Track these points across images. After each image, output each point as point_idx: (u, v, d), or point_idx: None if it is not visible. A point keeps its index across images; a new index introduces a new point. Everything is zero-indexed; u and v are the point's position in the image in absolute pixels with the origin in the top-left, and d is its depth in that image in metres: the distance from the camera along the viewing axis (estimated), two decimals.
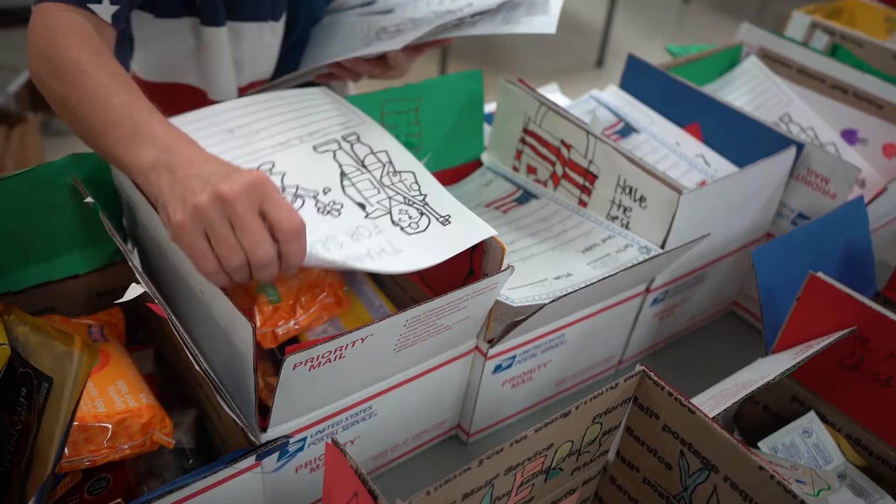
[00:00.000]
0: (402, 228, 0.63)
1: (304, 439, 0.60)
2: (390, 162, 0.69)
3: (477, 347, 0.68)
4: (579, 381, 0.82)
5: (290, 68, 0.90)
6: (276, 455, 0.58)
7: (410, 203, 0.65)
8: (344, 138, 0.71)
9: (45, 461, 0.52)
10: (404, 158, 0.69)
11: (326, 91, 0.78)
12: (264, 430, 0.56)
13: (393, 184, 0.67)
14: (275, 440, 0.56)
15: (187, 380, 0.68)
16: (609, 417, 0.53)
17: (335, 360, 0.53)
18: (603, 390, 0.50)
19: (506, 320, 0.67)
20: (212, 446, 0.67)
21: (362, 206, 0.65)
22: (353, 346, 0.53)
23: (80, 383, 0.50)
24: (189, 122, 0.68)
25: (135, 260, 0.58)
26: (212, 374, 0.52)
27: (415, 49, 0.80)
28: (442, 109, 0.87)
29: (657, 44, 3.12)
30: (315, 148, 0.70)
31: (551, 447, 0.49)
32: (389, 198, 0.66)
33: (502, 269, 0.62)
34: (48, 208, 0.65)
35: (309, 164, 0.68)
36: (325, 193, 0.66)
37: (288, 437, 0.56)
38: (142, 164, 0.53)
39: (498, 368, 0.70)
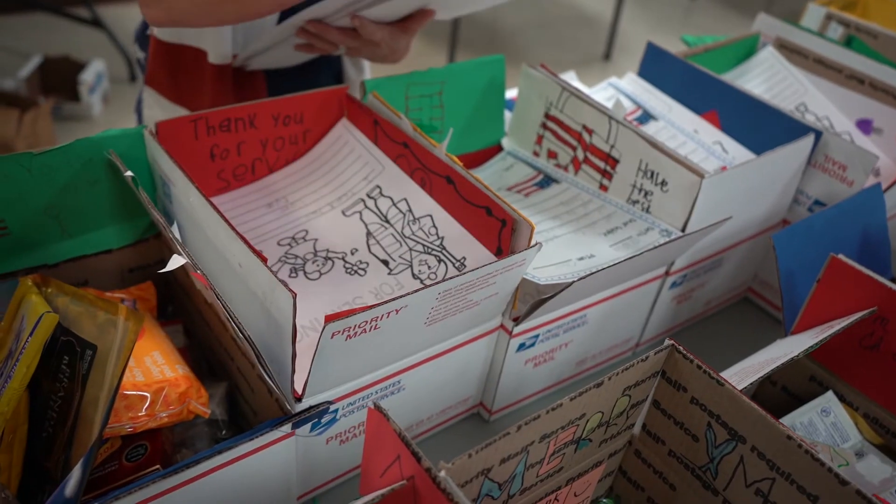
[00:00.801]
0: (421, 281, 0.69)
1: (336, 410, 0.61)
2: (409, 210, 0.74)
3: (502, 325, 0.70)
4: (598, 362, 0.84)
5: None
6: (309, 425, 0.60)
7: (429, 251, 0.70)
8: (368, 195, 0.76)
9: (89, 426, 0.53)
10: (421, 202, 0.74)
11: (349, 134, 0.80)
12: (298, 400, 0.58)
13: (413, 233, 0.72)
14: (314, 406, 0.57)
15: (218, 353, 0.69)
16: (637, 390, 0.54)
17: (370, 330, 0.55)
18: (634, 362, 0.51)
19: (529, 301, 0.68)
20: (243, 418, 0.68)
21: (386, 263, 0.71)
22: (387, 317, 0.55)
23: (126, 350, 0.52)
24: (233, 199, 0.76)
25: (174, 231, 0.59)
26: (254, 343, 0.53)
27: (400, 26, 0.80)
28: (464, 94, 0.88)
29: (664, 38, 3.13)
30: (343, 212, 0.76)
31: (583, 417, 0.51)
32: (410, 249, 0.71)
33: (530, 246, 0.63)
34: (85, 183, 0.66)
35: (338, 228, 0.75)
36: (352, 254, 0.73)
37: (329, 402, 0.57)
38: None
39: (521, 347, 0.72)
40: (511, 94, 1.00)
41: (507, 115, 0.95)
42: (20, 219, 0.64)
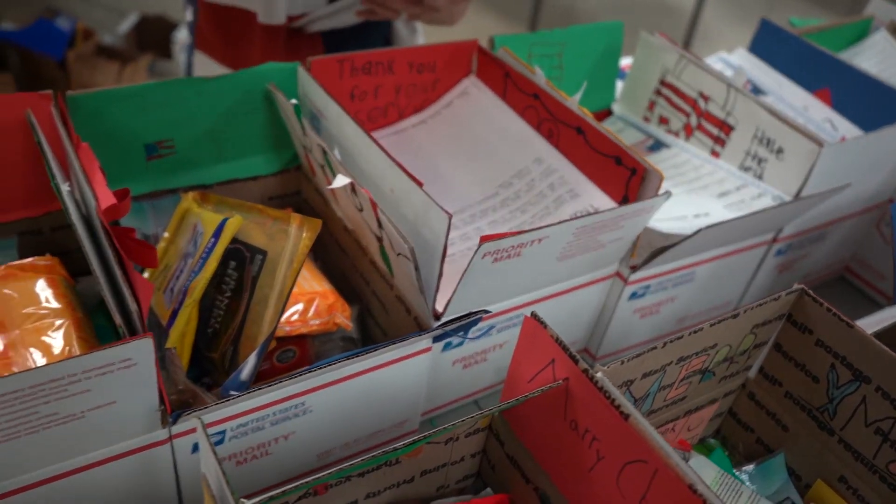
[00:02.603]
0: None
1: (464, 336, 0.66)
2: (537, 160, 0.77)
3: (618, 273, 0.73)
4: (697, 322, 0.87)
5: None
6: (442, 344, 0.64)
7: (559, 199, 0.74)
8: (493, 145, 0.78)
9: (258, 323, 0.59)
10: (547, 152, 0.77)
11: (475, 87, 0.83)
12: (437, 319, 0.62)
13: (540, 180, 0.76)
14: (464, 316, 0.60)
15: (351, 278, 0.74)
16: (763, 329, 0.57)
17: (513, 256, 0.59)
18: (766, 300, 0.54)
19: (643, 255, 0.72)
20: (372, 341, 0.73)
21: (511, 210, 0.75)
22: (530, 245, 0.59)
23: (300, 254, 0.57)
24: None
25: (336, 154, 0.64)
26: (415, 253, 0.57)
27: None
28: (582, 57, 0.92)
29: (745, 31, 3.09)
30: (470, 160, 0.79)
31: (714, 347, 0.54)
32: (538, 194, 0.75)
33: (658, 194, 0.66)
34: (243, 111, 0.71)
35: (466, 176, 0.78)
36: (479, 204, 0.76)
37: (483, 310, 0.60)
38: None
39: (633, 295, 0.75)
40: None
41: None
42: (186, 139, 0.70)
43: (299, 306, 0.63)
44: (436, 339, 0.62)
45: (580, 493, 0.49)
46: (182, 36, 2.54)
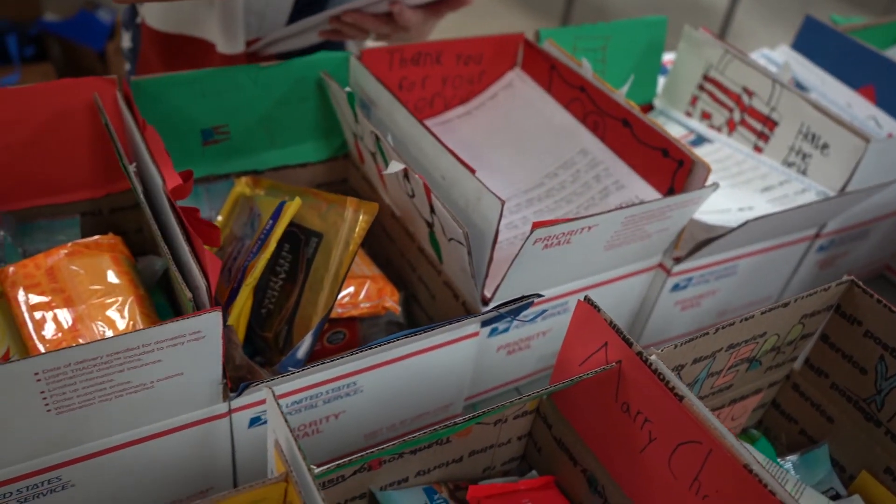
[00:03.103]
0: None
1: (512, 320, 0.67)
2: (582, 151, 0.78)
3: (661, 264, 0.74)
4: (736, 316, 0.87)
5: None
6: (489, 329, 0.65)
7: (604, 191, 0.74)
8: (538, 137, 0.77)
9: (312, 304, 0.60)
10: (593, 144, 0.77)
11: (520, 80, 0.82)
12: (485, 304, 0.63)
13: (586, 172, 0.76)
14: (516, 299, 0.59)
15: (397, 265, 0.76)
16: (812, 320, 0.58)
17: (563, 244, 0.60)
18: (815, 290, 0.55)
19: (686, 248, 0.72)
20: (419, 326, 0.75)
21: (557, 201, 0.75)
22: (580, 232, 0.60)
23: (357, 237, 0.58)
24: None
25: (389, 140, 0.65)
26: (469, 237, 0.58)
27: (433, 10, 0.76)
28: (625, 51, 0.92)
29: (778, 30, 3.07)
30: (517, 152, 0.79)
31: (764, 335, 0.55)
32: (583, 184, 0.75)
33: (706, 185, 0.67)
34: (296, 98, 0.73)
35: (512, 167, 0.78)
36: (524, 193, 0.75)
37: (536, 294, 0.60)
38: None
39: (675, 287, 0.76)
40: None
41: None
42: (240, 126, 0.72)
43: (350, 289, 0.65)
44: (484, 324, 0.63)
45: (630, 474, 0.50)
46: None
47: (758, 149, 0.86)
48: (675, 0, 3.51)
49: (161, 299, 0.64)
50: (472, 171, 0.60)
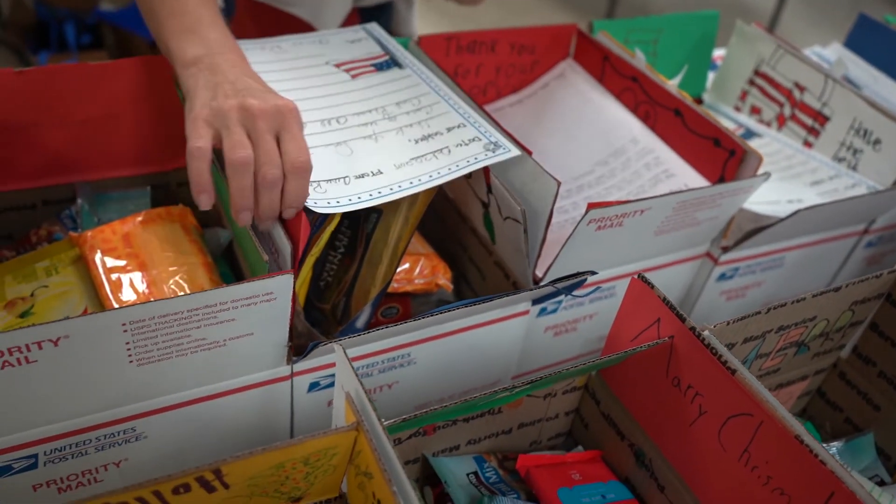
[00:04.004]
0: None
1: (561, 301, 0.69)
2: (633, 140, 0.78)
3: (708, 253, 0.75)
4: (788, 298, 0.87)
5: None
6: (538, 309, 0.67)
7: (654, 179, 0.74)
8: (588, 126, 0.78)
9: (372, 277, 0.62)
10: (642, 133, 0.78)
11: (571, 70, 0.83)
12: (536, 284, 0.65)
13: (636, 161, 0.77)
14: (569, 276, 0.61)
15: (447, 246, 0.78)
16: (862, 308, 0.58)
17: (615, 226, 0.62)
18: (867, 277, 0.56)
19: (733, 238, 0.73)
20: None
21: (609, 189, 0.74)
22: (632, 215, 0.61)
23: (416, 212, 0.60)
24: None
25: None
26: (526, 216, 0.60)
27: None
28: (677, 44, 0.93)
29: (824, 33, 3.02)
30: (567, 141, 0.79)
31: (814, 319, 0.56)
32: (634, 173, 0.75)
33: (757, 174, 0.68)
34: None
35: (562, 157, 0.78)
36: (574, 180, 0.75)
37: (590, 271, 0.61)
38: (186, 57, 0.56)
39: (722, 277, 0.77)
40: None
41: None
42: None
43: (405, 265, 0.67)
44: (535, 302, 0.65)
45: (679, 447, 0.51)
46: None
47: (808, 144, 0.87)
48: (720, 0, 3.49)
49: (225, 269, 0.67)
50: (529, 152, 0.62)
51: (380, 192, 0.56)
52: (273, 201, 0.52)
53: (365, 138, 0.61)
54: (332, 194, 0.56)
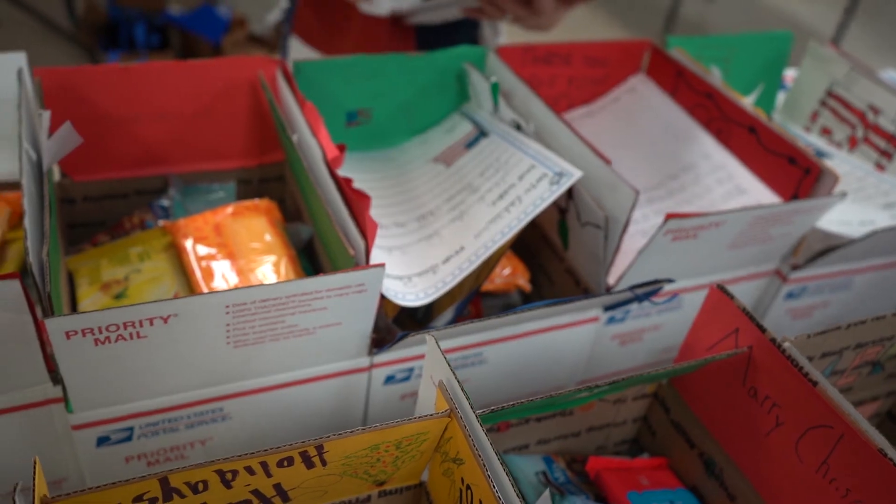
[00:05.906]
0: None
1: (629, 311, 0.70)
2: (705, 156, 0.79)
3: (777, 270, 0.75)
4: (869, 315, 0.87)
5: None
6: (607, 316, 0.68)
7: (726, 196, 0.76)
8: (660, 140, 0.79)
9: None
10: (715, 149, 0.78)
11: (643, 84, 0.84)
12: (608, 292, 0.66)
13: (707, 177, 0.78)
14: (644, 284, 0.62)
15: (516, 251, 0.79)
16: None
17: (690, 237, 0.62)
18: None
19: (804, 257, 0.73)
20: None
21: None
22: (707, 228, 0.62)
23: None
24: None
25: (531, 128, 0.69)
26: (607, 223, 0.62)
27: (564, 0, 0.80)
28: (749, 63, 0.93)
29: (885, 59, 2.98)
30: (639, 154, 0.81)
31: (892, 339, 0.56)
32: (704, 188, 0.77)
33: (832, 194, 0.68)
34: (437, 88, 0.78)
35: (637, 168, 0.79)
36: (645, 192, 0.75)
37: (667, 279, 0.62)
38: None
39: (790, 295, 0.77)
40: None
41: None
42: (382, 110, 0.77)
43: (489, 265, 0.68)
44: (607, 308, 0.66)
45: (753, 457, 0.52)
46: (272, 17, 2.65)
47: (880, 167, 0.86)
48: (776, 23, 3.45)
49: (305, 263, 0.69)
50: (608, 161, 0.63)
51: (460, 269, 0.61)
52: None
53: (452, 221, 0.66)
54: (420, 286, 0.60)
